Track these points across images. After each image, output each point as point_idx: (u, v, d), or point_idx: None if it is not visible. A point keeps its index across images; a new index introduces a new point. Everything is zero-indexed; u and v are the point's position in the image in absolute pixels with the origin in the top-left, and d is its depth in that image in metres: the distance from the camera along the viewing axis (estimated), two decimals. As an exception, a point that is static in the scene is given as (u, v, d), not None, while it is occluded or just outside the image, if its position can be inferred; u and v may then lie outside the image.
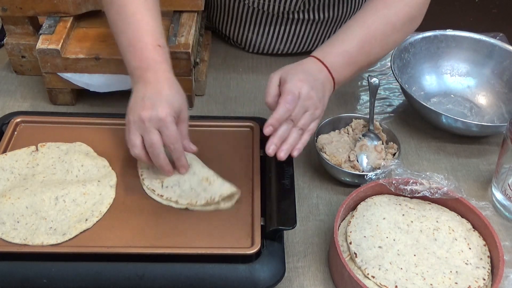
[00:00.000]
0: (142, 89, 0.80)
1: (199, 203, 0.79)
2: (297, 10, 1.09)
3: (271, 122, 0.78)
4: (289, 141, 0.79)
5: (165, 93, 0.79)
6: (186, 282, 0.73)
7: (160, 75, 0.80)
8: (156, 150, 0.78)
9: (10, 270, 0.73)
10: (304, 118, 0.80)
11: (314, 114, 0.81)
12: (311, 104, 0.80)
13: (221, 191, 0.79)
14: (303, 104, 0.79)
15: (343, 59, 0.85)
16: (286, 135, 0.79)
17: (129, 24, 0.83)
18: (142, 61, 0.81)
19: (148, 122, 0.76)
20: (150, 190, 0.82)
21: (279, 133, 0.79)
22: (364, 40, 0.86)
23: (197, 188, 0.81)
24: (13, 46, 1.06)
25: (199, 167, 0.83)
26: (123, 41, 0.83)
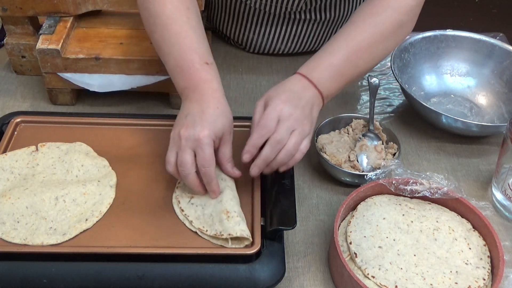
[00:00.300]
0: (188, 106, 0.78)
1: (209, 232, 0.77)
2: (298, 10, 1.09)
3: (248, 149, 0.79)
4: (276, 163, 0.79)
5: (208, 113, 0.76)
6: (186, 282, 0.73)
7: (207, 94, 0.78)
8: (185, 170, 0.76)
9: (10, 270, 0.73)
10: (294, 137, 0.78)
11: (303, 131, 0.79)
12: (296, 123, 0.78)
13: (232, 230, 0.75)
14: (288, 125, 0.78)
15: (329, 73, 0.84)
16: (273, 157, 0.78)
17: (174, 44, 0.81)
18: (190, 80, 0.79)
19: (184, 141, 0.75)
20: (176, 200, 0.82)
21: (263, 157, 0.79)
22: (350, 51, 0.85)
23: (215, 217, 0.78)
24: (13, 46, 1.06)
25: (229, 196, 0.80)
26: (170, 62, 0.82)
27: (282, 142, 0.77)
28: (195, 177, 0.77)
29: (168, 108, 1.06)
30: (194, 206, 0.80)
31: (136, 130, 0.93)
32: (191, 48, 0.81)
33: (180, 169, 0.77)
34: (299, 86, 0.82)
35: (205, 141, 0.75)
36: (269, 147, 0.78)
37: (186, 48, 0.81)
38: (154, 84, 1.01)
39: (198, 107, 0.77)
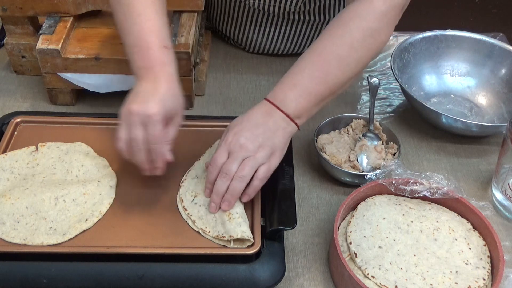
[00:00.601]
0: (141, 84, 0.79)
1: (211, 234, 0.77)
2: (297, 11, 1.09)
3: (206, 185, 0.81)
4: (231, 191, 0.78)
5: (161, 92, 0.77)
6: (186, 282, 0.73)
7: (162, 76, 0.79)
8: (136, 146, 0.76)
9: (10, 270, 0.73)
10: (246, 166, 0.77)
11: (255, 160, 0.78)
12: (247, 152, 0.78)
13: (234, 232, 0.75)
14: (237, 157, 0.78)
15: (294, 93, 0.81)
16: (224, 188, 0.78)
17: (135, 25, 0.82)
18: (147, 61, 0.80)
19: (135, 116, 0.75)
20: (180, 200, 0.82)
21: (215, 191, 0.79)
22: (316, 68, 0.82)
23: (218, 218, 0.78)
24: (13, 46, 1.06)
25: None
26: (129, 41, 0.82)
27: (230, 173, 0.77)
28: (144, 154, 0.77)
29: (168, 108, 1.06)
30: (197, 206, 0.80)
31: (136, 130, 0.93)
32: (152, 30, 0.81)
33: (132, 144, 0.76)
34: (262, 112, 0.81)
35: (156, 118, 0.75)
36: (219, 179, 0.78)
37: (147, 30, 0.81)
38: (154, 84, 1.01)
39: (151, 86, 0.78)
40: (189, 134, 0.93)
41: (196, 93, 1.09)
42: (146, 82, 0.79)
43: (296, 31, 1.14)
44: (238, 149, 0.78)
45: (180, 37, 1.00)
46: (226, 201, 0.79)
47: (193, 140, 0.92)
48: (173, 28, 1.02)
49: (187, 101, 1.05)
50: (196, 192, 0.82)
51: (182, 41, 0.99)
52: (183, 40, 0.99)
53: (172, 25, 1.03)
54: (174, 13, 1.05)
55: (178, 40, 0.99)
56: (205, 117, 1.00)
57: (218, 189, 0.78)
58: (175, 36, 1.00)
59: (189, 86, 1.03)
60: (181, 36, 1.00)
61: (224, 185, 0.78)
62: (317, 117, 1.05)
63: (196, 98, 1.09)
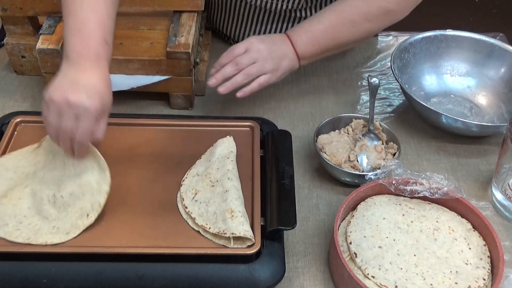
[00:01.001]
0: (75, 73, 0.77)
1: (212, 230, 0.76)
2: (299, 8, 1.09)
3: (215, 65, 0.94)
4: (232, 80, 0.92)
5: (99, 89, 0.77)
6: (186, 282, 0.73)
7: (100, 70, 0.79)
8: (67, 136, 0.77)
9: (10, 270, 0.73)
10: (253, 67, 0.92)
11: (263, 66, 0.93)
12: (260, 57, 0.93)
13: (236, 230, 0.75)
14: (251, 56, 0.92)
15: (307, 38, 0.97)
16: (229, 75, 0.92)
17: (81, 10, 0.80)
18: (86, 48, 0.79)
19: (71, 107, 0.74)
20: (180, 199, 0.82)
21: (222, 71, 0.92)
22: (330, 24, 0.97)
23: (219, 215, 0.78)
24: (13, 46, 1.06)
25: (234, 196, 0.80)
26: (71, 22, 0.81)
27: (240, 66, 0.92)
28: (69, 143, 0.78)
29: (168, 108, 1.06)
30: (198, 203, 0.80)
31: (136, 130, 0.93)
32: (98, 22, 0.81)
33: (61, 134, 0.77)
34: (280, 39, 0.97)
35: (95, 113, 0.76)
36: (229, 65, 0.93)
37: (93, 20, 0.80)
38: (154, 84, 1.01)
39: (88, 79, 0.77)
40: (189, 134, 0.93)
41: (196, 93, 1.09)
42: (78, 70, 0.78)
43: None
44: (255, 51, 0.93)
45: (180, 37, 1.00)
46: (225, 86, 0.92)
47: (193, 140, 0.92)
48: (173, 28, 1.02)
49: (187, 101, 1.05)
50: (197, 189, 0.82)
51: (182, 41, 0.99)
52: (183, 40, 0.99)
53: (172, 25, 1.03)
54: (174, 13, 1.05)
55: (178, 40, 0.99)
56: (205, 117, 1.00)
57: (225, 73, 0.92)
58: (175, 36, 1.00)
59: (189, 86, 1.03)
60: (181, 36, 1.00)
61: (230, 72, 0.92)
62: (317, 117, 1.06)
63: (196, 98, 1.09)
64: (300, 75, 1.16)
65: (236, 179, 0.83)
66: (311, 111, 1.08)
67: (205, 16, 1.19)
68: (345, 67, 1.20)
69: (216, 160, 0.85)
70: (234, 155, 0.87)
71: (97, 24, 0.80)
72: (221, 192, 0.80)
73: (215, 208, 0.79)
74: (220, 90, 0.92)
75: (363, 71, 1.19)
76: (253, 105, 1.09)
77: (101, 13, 0.81)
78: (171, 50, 0.97)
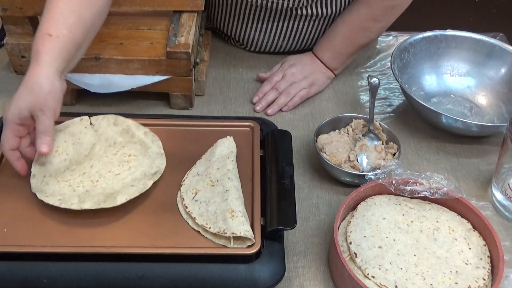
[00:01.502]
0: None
1: (212, 230, 0.76)
2: (300, 6, 1.09)
3: (257, 93, 1.09)
4: (277, 102, 1.07)
5: (18, 91, 0.77)
6: (186, 282, 0.73)
7: (31, 68, 0.78)
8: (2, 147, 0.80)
9: (10, 270, 0.73)
10: (292, 87, 1.08)
11: (299, 85, 1.09)
12: (295, 79, 1.09)
13: (237, 230, 0.74)
14: (287, 80, 1.09)
15: (330, 54, 1.12)
16: (272, 100, 1.08)
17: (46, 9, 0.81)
18: (32, 50, 0.79)
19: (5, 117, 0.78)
20: (180, 198, 0.82)
21: (265, 98, 1.08)
22: (345, 36, 1.09)
23: (219, 215, 0.77)
24: (13, 46, 1.06)
25: (234, 196, 0.79)
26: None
27: (280, 89, 1.08)
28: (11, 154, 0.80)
29: (168, 108, 1.06)
30: (198, 203, 0.80)
31: (136, 130, 0.93)
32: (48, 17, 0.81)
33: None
34: (309, 58, 1.13)
35: (7, 121, 0.77)
36: (270, 92, 1.08)
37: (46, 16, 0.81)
38: (154, 84, 1.01)
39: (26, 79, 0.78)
40: (189, 134, 0.93)
41: (196, 93, 1.09)
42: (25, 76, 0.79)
43: (299, 27, 1.14)
44: (290, 75, 1.10)
45: (180, 37, 1.00)
46: (271, 108, 1.07)
47: (193, 140, 0.92)
48: (173, 28, 1.02)
49: (187, 101, 1.05)
50: (197, 189, 0.82)
51: (182, 41, 0.99)
52: (183, 40, 0.99)
53: (172, 25, 1.03)
54: (174, 13, 1.05)
55: (178, 40, 0.99)
56: (205, 117, 1.00)
57: (268, 98, 1.08)
58: (175, 36, 1.00)
59: (189, 86, 1.03)
60: (181, 36, 1.00)
61: (273, 97, 1.08)
62: (317, 117, 1.06)
63: (196, 98, 1.09)
64: (300, 75, 1.16)
65: (236, 179, 0.83)
66: (311, 111, 1.08)
67: (205, 16, 1.19)
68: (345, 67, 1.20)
69: (217, 160, 0.85)
70: (234, 155, 0.87)
71: (45, 20, 0.80)
72: (221, 192, 0.80)
73: (216, 208, 0.79)
74: (268, 112, 1.06)
75: (363, 71, 1.19)
76: (253, 105, 1.09)
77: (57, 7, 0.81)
78: (171, 50, 0.97)
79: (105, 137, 0.88)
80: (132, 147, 0.88)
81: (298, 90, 1.08)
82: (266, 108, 1.07)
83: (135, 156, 0.86)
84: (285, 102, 1.07)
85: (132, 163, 0.85)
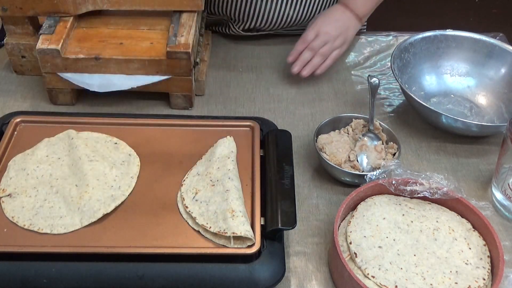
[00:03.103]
0: None
1: (213, 230, 0.76)
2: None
3: (292, 53, 1.09)
4: (311, 63, 1.08)
5: None
6: (186, 282, 0.73)
7: None
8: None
9: (10, 270, 0.73)
10: (326, 47, 1.08)
11: (333, 44, 1.09)
12: (329, 38, 1.08)
13: (237, 229, 0.74)
14: (322, 39, 1.08)
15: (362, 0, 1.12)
16: (308, 60, 1.08)
17: None
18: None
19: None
20: (180, 198, 0.82)
21: (301, 58, 1.08)
22: None
23: (219, 214, 0.77)
24: (13, 46, 1.06)
25: (235, 196, 0.80)
26: None
27: (315, 50, 1.08)
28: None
29: (168, 108, 1.06)
30: (198, 203, 0.80)
31: (136, 130, 0.93)
32: None
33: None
34: (339, 12, 1.12)
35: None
36: (305, 52, 1.09)
37: None
38: (154, 84, 1.01)
39: None
40: (189, 134, 0.93)
41: (196, 93, 1.09)
42: None
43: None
44: (324, 34, 1.08)
45: (180, 37, 1.00)
46: (306, 70, 1.09)
47: (193, 140, 0.92)
48: (173, 28, 1.02)
49: (187, 101, 1.05)
50: (198, 188, 0.82)
51: (182, 41, 0.99)
52: (183, 40, 0.99)
53: (172, 25, 1.03)
54: (174, 13, 1.05)
55: (178, 40, 0.99)
56: (205, 117, 1.00)
57: (303, 58, 1.08)
58: (175, 36, 1.00)
59: (189, 86, 1.03)
60: (181, 36, 1.00)
61: (308, 57, 1.08)
62: (317, 117, 1.06)
63: (196, 98, 1.09)
64: (300, 75, 1.16)
65: (236, 179, 0.83)
66: (311, 111, 1.08)
67: (205, 16, 1.19)
68: (345, 67, 1.20)
69: (217, 160, 0.85)
70: (234, 155, 0.87)
71: None
72: (221, 192, 0.80)
73: (216, 208, 0.79)
74: (304, 74, 1.08)
75: (363, 71, 1.19)
76: (253, 105, 1.09)
77: None
78: (171, 50, 0.97)
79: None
80: None
81: (331, 51, 1.09)
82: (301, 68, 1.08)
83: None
84: (319, 63, 1.08)
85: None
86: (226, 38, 1.25)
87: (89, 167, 0.84)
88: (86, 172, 0.83)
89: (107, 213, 0.79)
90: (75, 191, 0.81)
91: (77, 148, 0.86)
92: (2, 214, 0.79)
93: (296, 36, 1.13)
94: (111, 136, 0.91)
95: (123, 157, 0.88)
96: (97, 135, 0.91)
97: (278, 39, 1.25)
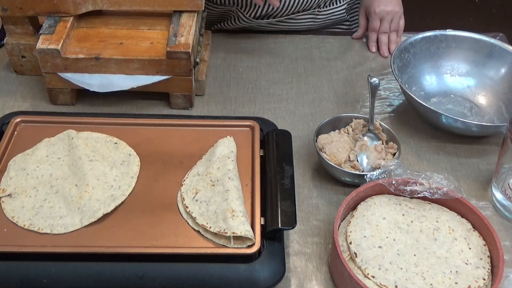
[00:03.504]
0: None
1: (213, 230, 0.76)
2: None
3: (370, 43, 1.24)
4: (391, 40, 1.23)
5: None
6: (186, 282, 0.73)
7: None
8: None
9: (10, 270, 0.73)
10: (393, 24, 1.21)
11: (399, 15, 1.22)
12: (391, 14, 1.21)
13: (237, 229, 0.74)
14: (387, 19, 1.21)
15: None
16: (387, 39, 1.23)
17: None
18: None
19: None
20: (180, 198, 0.82)
21: (381, 43, 1.23)
22: None
23: (219, 214, 0.77)
24: (13, 46, 1.06)
25: (235, 196, 0.80)
26: None
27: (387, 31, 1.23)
28: None
29: (168, 108, 1.06)
30: (198, 203, 0.80)
31: (136, 130, 0.93)
32: None
33: None
34: None
35: None
36: (381, 36, 1.23)
37: None
38: (154, 84, 1.01)
39: None
40: (189, 134, 0.93)
41: (196, 93, 1.09)
42: None
43: None
44: (386, 14, 1.21)
45: (180, 37, 1.00)
46: (392, 48, 1.23)
47: (193, 140, 0.92)
48: (173, 28, 1.02)
49: (187, 101, 1.05)
50: (198, 188, 0.82)
51: (182, 41, 0.99)
52: (183, 40, 0.99)
53: (172, 25, 1.03)
54: (174, 13, 1.05)
55: (178, 40, 0.99)
56: (205, 117, 1.00)
57: (383, 41, 1.23)
58: (175, 36, 1.00)
59: (189, 86, 1.03)
60: (181, 36, 1.00)
61: (386, 39, 1.23)
62: (317, 117, 1.06)
63: (196, 98, 1.09)
64: (300, 75, 1.16)
65: (236, 179, 0.83)
66: (311, 111, 1.08)
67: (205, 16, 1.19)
68: (345, 67, 1.20)
69: (217, 160, 0.86)
70: (234, 155, 0.87)
71: None
72: (221, 192, 0.80)
73: (216, 208, 0.79)
74: (386, 54, 1.22)
75: (363, 71, 1.19)
76: (253, 105, 1.09)
77: None
78: (171, 50, 0.97)
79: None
80: None
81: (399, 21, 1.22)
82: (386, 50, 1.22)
83: None
84: (396, 39, 1.23)
85: None
86: (226, 38, 1.25)
87: (89, 167, 0.84)
88: (86, 172, 0.83)
89: (107, 213, 0.79)
90: (75, 191, 0.81)
91: (77, 148, 0.86)
92: (2, 214, 0.79)
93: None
94: (111, 136, 0.91)
95: (123, 157, 0.88)
96: (97, 135, 0.91)
97: (279, 39, 1.25)
